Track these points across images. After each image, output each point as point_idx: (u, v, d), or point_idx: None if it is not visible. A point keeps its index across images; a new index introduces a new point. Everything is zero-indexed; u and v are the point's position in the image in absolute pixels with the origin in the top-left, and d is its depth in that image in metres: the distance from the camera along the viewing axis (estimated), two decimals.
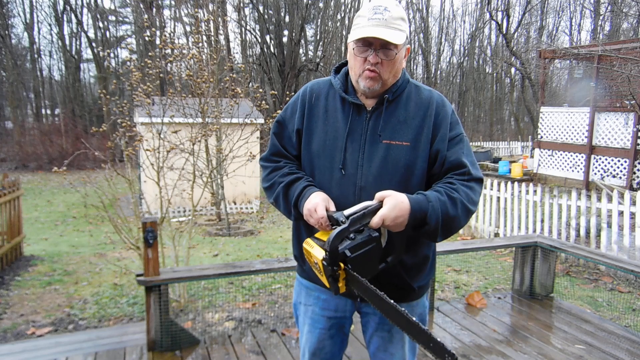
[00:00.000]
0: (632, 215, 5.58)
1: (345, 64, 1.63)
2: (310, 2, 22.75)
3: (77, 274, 5.65)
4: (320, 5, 24.55)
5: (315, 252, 1.40)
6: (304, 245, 1.48)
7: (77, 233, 8.38)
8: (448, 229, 1.44)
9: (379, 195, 1.40)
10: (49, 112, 25.84)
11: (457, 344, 3.26)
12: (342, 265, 1.34)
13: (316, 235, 1.47)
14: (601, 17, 26.55)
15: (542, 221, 6.62)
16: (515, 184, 7.31)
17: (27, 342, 3.35)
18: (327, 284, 1.39)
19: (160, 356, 2.99)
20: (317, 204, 1.45)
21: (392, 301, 1.26)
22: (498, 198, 7.46)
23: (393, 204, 1.36)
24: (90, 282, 5.29)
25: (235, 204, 11.54)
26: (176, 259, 4.41)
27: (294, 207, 1.55)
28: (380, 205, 1.38)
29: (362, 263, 1.36)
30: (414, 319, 1.20)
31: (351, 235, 1.38)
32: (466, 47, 32.47)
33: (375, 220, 1.36)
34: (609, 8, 25.21)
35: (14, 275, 5.48)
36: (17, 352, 3.07)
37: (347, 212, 1.39)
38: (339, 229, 1.34)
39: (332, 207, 1.48)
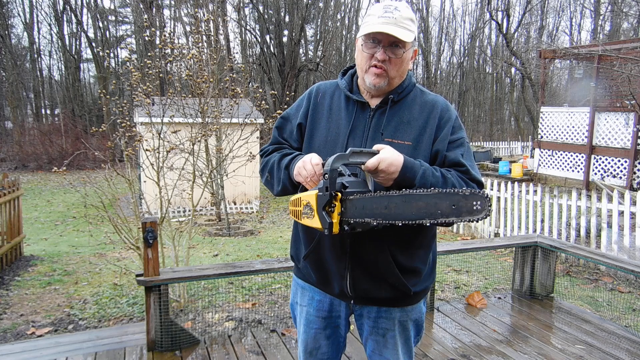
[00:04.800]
0: (632, 215, 5.58)
1: (353, 67, 1.67)
2: (310, 2, 22.74)
3: (77, 274, 5.65)
4: (320, 5, 24.55)
5: (306, 193, 1.38)
6: (291, 199, 1.47)
7: (77, 233, 8.38)
8: None
9: (377, 145, 1.41)
10: (48, 112, 25.85)
11: (457, 344, 3.26)
12: (339, 195, 1.31)
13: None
14: (601, 17, 26.56)
15: (542, 221, 6.62)
16: (516, 184, 7.31)
17: (27, 342, 3.34)
18: (319, 225, 1.34)
19: (160, 356, 2.99)
20: (312, 155, 1.45)
21: (396, 191, 1.25)
22: (498, 198, 7.46)
23: (390, 152, 1.37)
24: (90, 282, 5.29)
25: (235, 204, 11.53)
26: (176, 259, 4.41)
27: (286, 168, 1.55)
28: (377, 151, 1.39)
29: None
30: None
31: (347, 173, 1.37)
32: (466, 47, 32.47)
33: (372, 161, 1.34)
34: (609, 8, 25.23)
35: (13, 275, 5.48)
36: (17, 352, 3.06)
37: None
38: (338, 152, 1.32)
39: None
